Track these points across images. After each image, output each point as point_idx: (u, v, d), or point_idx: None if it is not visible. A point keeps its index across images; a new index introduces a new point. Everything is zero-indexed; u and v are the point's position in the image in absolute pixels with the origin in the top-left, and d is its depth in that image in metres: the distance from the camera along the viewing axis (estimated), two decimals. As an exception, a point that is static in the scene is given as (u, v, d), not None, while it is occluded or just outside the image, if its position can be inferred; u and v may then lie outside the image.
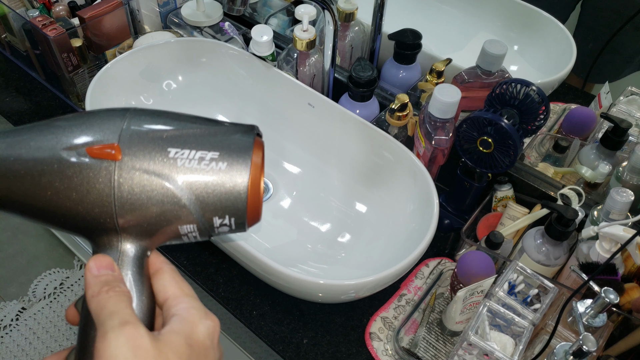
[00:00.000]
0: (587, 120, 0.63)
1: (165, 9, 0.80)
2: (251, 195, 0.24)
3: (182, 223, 0.24)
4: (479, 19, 0.74)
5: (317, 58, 0.68)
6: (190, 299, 0.25)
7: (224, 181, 0.23)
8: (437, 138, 0.55)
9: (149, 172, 0.23)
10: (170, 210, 0.24)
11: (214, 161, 0.23)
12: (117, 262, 0.24)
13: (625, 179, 0.55)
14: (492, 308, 0.45)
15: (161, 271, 0.26)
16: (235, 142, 0.24)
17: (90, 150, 0.23)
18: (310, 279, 0.45)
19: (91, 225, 0.24)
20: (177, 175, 0.23)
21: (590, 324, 0.46)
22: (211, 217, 0.24)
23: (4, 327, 1.24)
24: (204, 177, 0.23)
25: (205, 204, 0.24)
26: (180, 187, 0.23)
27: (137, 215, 0.24)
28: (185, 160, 0.23)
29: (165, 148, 0.23)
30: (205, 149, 0.24)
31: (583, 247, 0.51)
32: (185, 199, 0.23)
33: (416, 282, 0.58)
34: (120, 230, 0.24)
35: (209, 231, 0.25)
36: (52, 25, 0.71)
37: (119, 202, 0.23)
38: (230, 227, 0.25)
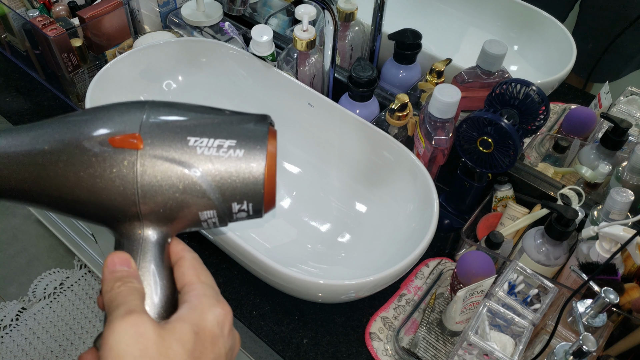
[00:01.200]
0: (587, 120, 0.63)
1: (165, 9, 0.80)
2: (267, 181, 0.25)
3: (202, 209, 0.25)
4: (478, 19, 0.74)
5: (317, 58, 0.68)
6: (204, 286, 0.25)
7: (241, 168, 0.24)
8: (437, 138, 0.55)
9: (170, 160, 0.24)
10: (190, 196, 0.24)
11: (231, 149, 0.24)
12: (139, 248, 0.25)
13: (625, 179, 0.55)
14: (492, 308, 0.45)
15: (182, 259, 0.26)
16: (251, 131, 0.25)
17: (113, 140, 0.24)
18: (310, 279, 0.45)
19: (114, 213, 0.25)
20: (197, 162, 0.24)
21: (590, 324, 0.46)
22: (230, 203, 0.25)
23: (4, 327, 1.24)
24: (222, 165, 0.24)
25: (224, 190, 0.24)
26: (200, 174, 0.24)
27: (159, 202, 0.24)
28: (204, 148, 0.24)
29: (184, 137, 0.24)
30: (223, 137, 0.24)
31: (583, 247, 0.51)
32: (205, 185, 0.24)
33: (416, 282, 0.58)
34: (143, 217, 0.25)
35: (228, 217, 0.26)
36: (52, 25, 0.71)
37: (141, 190, 0.24)
38: (248, 213, 0.25)
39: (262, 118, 0.26)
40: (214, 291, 0.25)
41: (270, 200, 0.25)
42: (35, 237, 1.41)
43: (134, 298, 0.23)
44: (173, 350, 0.21)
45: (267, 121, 0.26)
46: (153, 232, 0.25)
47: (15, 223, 1.44)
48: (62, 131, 0.24)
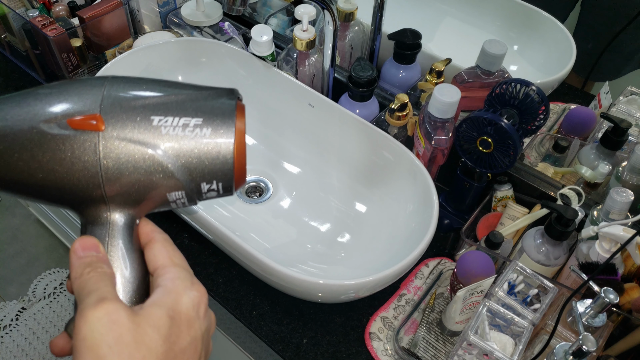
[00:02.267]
0: (587, 120, 0.63)
1: (165, 9, 0.80)
2: (237, 159, 0.24)
3: (170, 190, 0.24)
4: (478, 19, 0.74)
5: (317, 58, 0.68)
6: (178, 269, 0.24)
7: (209, 147, 0.23)
8: (437, 138, 0.55)
9: (134, 142, 0.23)
10: (157, 178, 0.24)
11: (197, 127, 0.23)
12: (107, 232, 0.24)
13: (625, 178, 0.55)
14: (491, 308, 0.45)
15: (153, 240, 0.25)
16: (217, 107, 0.24)
17: (72, 122, 0.23)
18: (310, 279, 0.45)
19: (78, 197, 0.24)
20: (162, 143, 0.23)
21: (590, 323, 0.46)
22: (199, 184, 0.24)
23: (4, 327, 1.24)
24: (189, 144, 0.23)
25: (192, 171, 0.24)
26: (167, 155, 0.23)
27: (125, 185, 0.23)
28: (169, 127, 0.23)
29: (148, 116, 0.23)
30: (189, 116, 0.24)
31: (583, 247, 0.51)
32: (172, 166, 0.23)
33: (416, 282, 0.58)
34: (108, 200, 0.24)
35: (197, 196, 0.25)
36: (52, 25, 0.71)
37: (105, 173, 0.23)
38: (218, 192, 0.25)
39: (229, 92, 0.25)
40: (188, 273, 0.24)
41: (241, 177, 0.25)
42: (35, 237, 1.41)
43: (105, 284, 0.22)
44: (148, 336, 0.21)
45: (234, 96, 0.25)
46: (120, 215, 0.25)
47: (15, 223, 1.44)
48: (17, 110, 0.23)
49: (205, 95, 0.25)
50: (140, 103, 0.24)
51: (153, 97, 0.24)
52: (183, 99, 0.24)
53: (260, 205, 0.64)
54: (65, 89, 0.24)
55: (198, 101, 0.24)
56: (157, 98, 0.24)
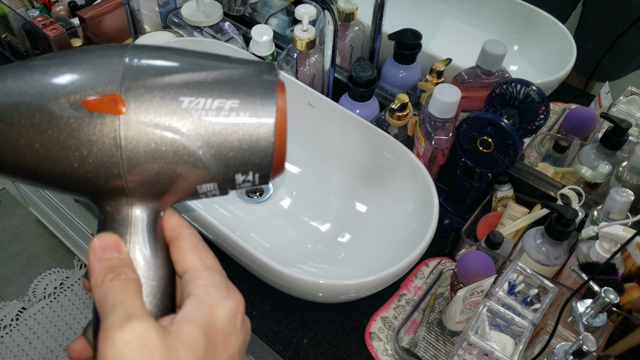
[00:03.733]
0: (587, 120, 0.63)
1: (165, 9, 0.80)
2: (277, 147, 0.21)
3: (200, 182, 0.21)
4: (478, 19, 0.74)
5: (317, 58, 0.68)
6: (211, 273, 0.21)
7: (247, 134, 0.20)
8: (437, 138, 0.55)
9: (160, 127, 0.20)
10: (187, 168, 0.21)
11: (234, 111, 0.20)
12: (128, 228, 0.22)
13: (625, 178, 0.55)
14: (492, 308, 0.45)
15: (180, 237, 0.22)
16: (256, 87, 0.21)
17: (87, 103, 0.19)
18: (310, 279, 0.45)
19: (95, 188, 0.21)
20: (193, 128, 0.20)
21: (590, 323, 0.46)
22: (233, 174, 0.21)
23: (4, 327, 1.24)
24: (224, 130, 0.20)
25: (226, 161, 0.21)
26: (197, 143, 0.20)
27: (149, 176, 0.21)
28: (201, 111, 0.20)
29: (177, 97, 0.20)
30: (223, 97, 0.20)
31: (583, 247, 0.51)
32: (204, 155, 0.20)
33: (416, 282, 0.58)
34: (130, 192, 0.21)
35: (230, 187, 0.22)
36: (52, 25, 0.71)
37: (127, 162, 0.20)
38: (253, 182, 0.22)
39: (268, 68, 0.21)
40: (222, 278, 0.21)
41: (280, 166, 0.22)
42: (35, 237, 1.41)
43: (131, 295, 0.19)
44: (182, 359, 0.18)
45: (275, 72, 0.21)
46: (143, 208, 0.22)
47: (15, 223, 1.44)
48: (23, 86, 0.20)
49: (242, 71, 0.21)
50: (167, 80, 0.20)
51: (182, 73, 0.20)
52: (217, 76, 0.21)
53: (260, 205, 0.64)
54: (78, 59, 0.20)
55: (234, 79, 0.21)
56: (187, 75, 0.20)
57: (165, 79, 0.20)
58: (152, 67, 0.20)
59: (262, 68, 0.22)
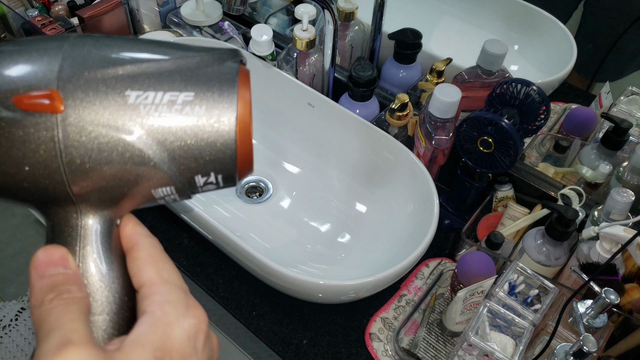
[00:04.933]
0: (588, 120, 0.63)
1: (164, 9, 0.79)
2: (240, 143, 0.19)
3: (155, 186, 0.19)
4: (479, 19, 0.74)
5: (317, 58, 0.68)
6: (169, 287, 0.19)
7: (203, 130, 0.18)
8: (438, 138, 0.55)
9: (104, 125, 0.18)
10: (137, 172, 0.18)
11: (188, 105, 0.18)
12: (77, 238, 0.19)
13: (626, 179, 0.54)
14: (492, 308, 0.45)
15: (136, 247, 0.20)
16: (214, 76, 0.18)
17: (19, 101, 0.17)
18: (309, 279, 0.45)
19: (38, 196, 0.19)
20: (142, 127, 0.18)
21: (591, 324, 0.46)
22: (192, 176, 0.19)
23: (3, 328, 1.24)
24: (177, 127, 0.18)
25: (182, 162, 0.19)
26: (148, 142, 0.18)
27: (96, 181, 0.18)
28: (150, 106, 0.18)
29: (122, 91, 0.18)
30: (176, 89, 0.18)
31: (583, 247, 0.51)
32: (155, 157, 0.18)
33: (416, 283, 0.58)
34: (78, 199, 0.19)
35: (191, 191, 0.20)
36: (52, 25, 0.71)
37: (68, 168, 0.18)
38: (217, 185, 0.20)
39: (228, 55, 0.19)
40: (181, 292, 0.19)
41: (246, 165, 0.19)
42: (35, 237, 1.41)
43: (72, 318, 0.17)
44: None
45: (236, 59, 0.19)
46: (95, 216, 0.19)
47: (14, 223, 1.44)
48: None
49: (199, 60, 0.19)
50: (112, 73, 0.18)
51: (129, 64, 0.18)
52: (168, 66, 0.18)
53: (260, 205, 0.63)
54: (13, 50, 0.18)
55: (189, 68, 0.18)
56: (135, 65, 0.18)
57: (110, 71, 0.18)
58: (94, 58, 0.18)
59: (223, 55, 0.19)
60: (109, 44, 0.19)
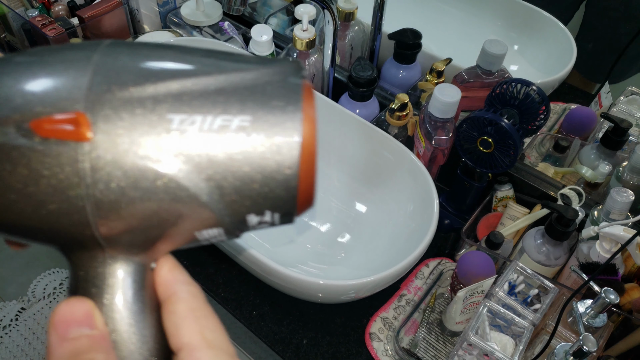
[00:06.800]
0: (588, 120, 0.63)
1: (164, 9, 0.79)
2: (304, 176, 0.15)
3: (200, 227, 0.16)
4: (479, 19, 0.74)
5: (317, 58, 0.68)
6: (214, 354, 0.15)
7: (261, 163, 0.15)
8: (437, 138, 0.55)
9: (141, 157, 0.14)
10: (179, 211, 0.15)
11: (243, 131, 0.15)
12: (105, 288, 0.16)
13: (626, 179, 0.54)
14: (492, 308, 0.45)
15: (174, 298, 0.16)
16: (274, 97, 0.15)
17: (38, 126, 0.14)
18: (309, 279, 0.45)
19: (60, 238, 0.16)
20: (187, 158, 0.15)
21: (591, 324, 0.46)
22: (244, 216, 0.16)
23: (4, 328, 1.24)
24: (229, 159, 0.15)
25: (234, 200, 0.15)
26: (193, 177, 0.15)
27: (128, 222, 0.15)
28: (197, 133, 0.14)
29: (163, 114, 0.14)
30: (229, 112, 0.15)
31: (583, 247, 0.51)
32: (202, 194, 0.15)
33: (416, 283, 0.58)
34: (105, 243, 0.16)
35: (241, 230, 0.17)
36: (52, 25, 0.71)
37: (96, 207, 0.15)
38: (272, 223, 0.17)
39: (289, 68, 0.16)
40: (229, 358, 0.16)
41: (307, 201, 0.16)
42: (35, 237, 1.41)
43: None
44: None
45: (299, 73, 0.16)
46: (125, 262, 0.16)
47: (14, 223, 1.44)
48: None
49: (255, 76, 0.15)
50: (151, 91, 0.14)
51: (172, 79, 0.15)
52: (220, 83, 0.15)
53: (260, 205, 0.63)
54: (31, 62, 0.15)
55: (244, 87, 0.15)
56: (179, 82, 0.15)
57: (149, 89, 0.14)
58: (130, 72, 0.15)
59: (283, 69, 0.16)
60: (147, 54, 0.15)
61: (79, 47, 0.15)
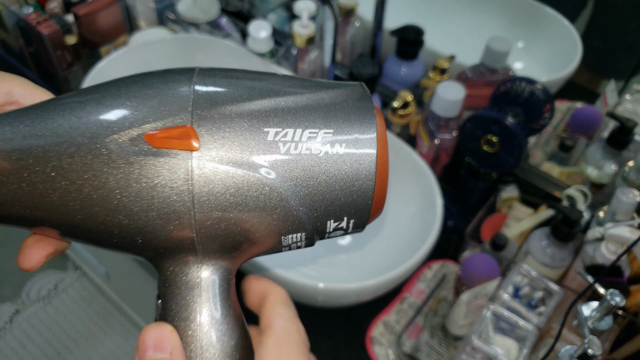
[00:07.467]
0: (593, 119, 0.62)
1: (161, 5, 0.78)
2: (379, 186, 0.17)
3: (287, 232, 0.18)
4: (483, 15, 0.73)
5: (317, 54, 0.66)
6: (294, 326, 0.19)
7: (342, 171, 0.17)
8: (441, 137, 0.54)
9: (242, 165, 0.16)
10: (273, 215, 0.17)
11: (328, 142, 0.17)
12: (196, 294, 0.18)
13: (632, 179, 0.54)
14: (496, 311, 0.44)
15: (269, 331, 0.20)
16: (351, 112, 0.17)
17: (152, 138, 0.16)
18: (309, 282, 0.44)
19: (158, 242, 0.17)
20: (282, 165, 0.16)
21: (596, 327, 0.45)
22: (325, 221, 0.18)
23: (-2, 329, 1.22)
24: (317, 167, 0.17)
25: (319, 205, 0.17)
26: (287, 183, 0.17)
27: (227, 226, 0.17)
28: (290, 144, 0.16)
29: (260, 127, 0.16)
30: (315, 126, 0.17)
31: (588, 248, 0.50)
32: (293, 200, 0.17)
33: (419, 285, 0.57)
34: (200, 247, 0.17)
35: (319, 237, 0.19)
36: (46, 23, 0.69)
37: (200, 212, 0.16)
38: (345, 230, 0.18)
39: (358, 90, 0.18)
40: None
41: (379, 208, 0.18)
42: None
43: None
44: None
45: (367, 94, 0.18)
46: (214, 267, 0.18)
47: (9, 223, 1.42)
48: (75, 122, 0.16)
49: (332, 95, 0.18)
50: (248, 107, 0.17)
51: (264, 98, 0.17)
52: (304, 101, 0.17)
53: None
54: (133, 88, 0.17)
55: (325, 105, 0.17)
56: (270, 100, 0.17)
57: (245, 107, 0.17)
58: (226, 92, 0.17)
59: (353, 90, 0.18)
60: (238, 77, 0.18)
61: (178, 71, 0.18)
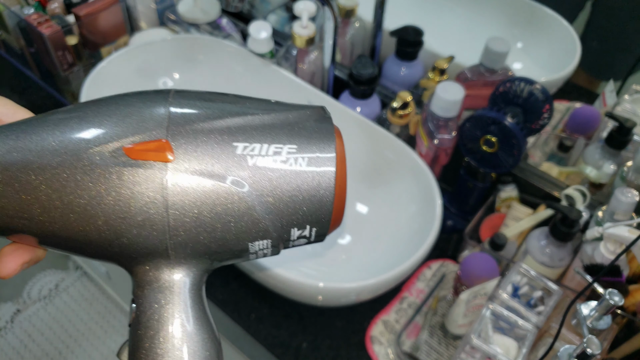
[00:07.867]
0: (592, 119, 0.62)
1: (161, 6, 0.78)
2: (337, 197, 0.19)
3: (253, 239, 0.19)
4: (482, 16, 0.73)
5: (317, 55, 0.67)
6: None
7: (305, 182, 0.18)
8: (440, 137, 0.54)
9: (213, 176, 0.18)
10: (241, 223, 0.18)
11: (292, 156, 0.18)
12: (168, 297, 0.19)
13: (630, 179, 0.54)
14: (495, 311, 0.44)
15: None
16: (312, 130, 0.19)
17: (131, 151, 0.17)
18: (309, 281, 0.44)
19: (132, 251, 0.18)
20: (249, 177, 0.18)
21: (595, 326, 0.45)
22: (289, 229, 0.19)
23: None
24: (281, 178, 0.18)
25: (283, 214, 0.19)
26: (253, 193, 0.18)
27: (198, 235, 0.18)
28: (257, 157, 0.18)
29: (230, 142, 0.18)
30: (279, 141, 0.18)
31: (587, 248, 0.51)
32: (259, 208, 0.18)
33: (418, 285, 0.57)
34: (173, 252, 0.19)
35: (283, 246, 0.20)
36: (47, 23, 0.70)
37: (173, 220, 0.18)
38: (308, 239, 0.20)
39: (320, 112, 0.20)
40: None
41: (338, 220, 0.20)
42: (31, 238, 1.40)
43: None
44: None
45: (328, 115, 0.20)
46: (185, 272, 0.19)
47: (10, 223, 1.43)
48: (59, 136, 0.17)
49: (296, 116, 0.19)
50: (218, 125, 0.18)
51: (233, 117, 0.19)
52: (270, 120, 0.19)
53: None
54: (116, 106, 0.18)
55: (289, 123, 0.19)
56: (240, 118, 0.19)
57: (216, 124, 0.18)
58: (199, 111, 0.18)
59: (315, 111, 0.20)
60: (209, 98, 0.19)
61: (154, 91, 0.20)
